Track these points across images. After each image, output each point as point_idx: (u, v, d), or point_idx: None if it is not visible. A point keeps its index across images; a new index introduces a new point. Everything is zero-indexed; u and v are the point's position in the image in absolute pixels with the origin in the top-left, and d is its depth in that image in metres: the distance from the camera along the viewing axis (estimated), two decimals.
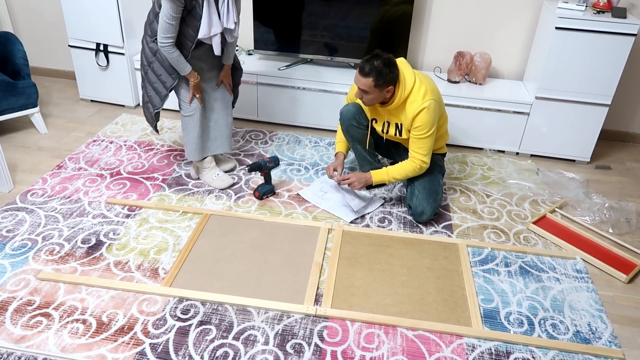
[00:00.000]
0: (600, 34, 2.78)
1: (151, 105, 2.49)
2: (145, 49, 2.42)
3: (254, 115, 3.44)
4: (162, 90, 2.43)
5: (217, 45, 2.33)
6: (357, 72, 2.24)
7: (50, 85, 3.95)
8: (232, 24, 2.31)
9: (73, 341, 1.76)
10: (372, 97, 2.27)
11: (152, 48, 2.38)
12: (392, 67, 2.21)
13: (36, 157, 2.95)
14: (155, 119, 2.55)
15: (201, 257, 2.19)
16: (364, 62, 2.21)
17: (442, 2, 3.28)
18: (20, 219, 2.37)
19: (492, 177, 2.95)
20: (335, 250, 2.26)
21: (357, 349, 1.79)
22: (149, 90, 2.47)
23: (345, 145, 2.69)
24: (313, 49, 3.36)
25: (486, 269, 2.22)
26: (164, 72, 2.39)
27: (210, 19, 2.24)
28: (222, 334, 1.83)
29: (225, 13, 2.27)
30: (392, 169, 2.42)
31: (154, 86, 2.44)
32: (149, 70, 2.43)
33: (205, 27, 2.24)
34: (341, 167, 2.62)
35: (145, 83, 2.48)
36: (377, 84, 2.20)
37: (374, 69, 2.17)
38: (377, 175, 2.44)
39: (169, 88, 2.41)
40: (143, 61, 2.46)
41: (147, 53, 2.41)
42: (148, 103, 2.50)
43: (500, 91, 3.18)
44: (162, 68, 2.38)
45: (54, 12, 3.79)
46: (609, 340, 1.90)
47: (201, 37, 2.25)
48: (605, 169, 3.17)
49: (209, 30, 2.25)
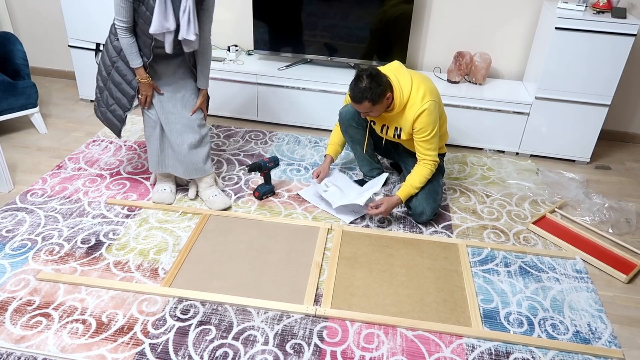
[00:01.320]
0: (600, 34, 2.78)
1: (119, 107, 2.34)
2: (108, 47, 2.28)
3: (253, 115, 3.44)
4: (129, 90, 2.29)
5: (168, 44, 2.16)
6: (351, 101, 2.26)
7: (50, 86, 3.95)
8: (193, 35, 2.13)
9: (73, 341, 1.76)
10: (377, 111, 2.28)
11: (116, 47, 2.24)
12: (379, 77, 2.20)
13: (36, 157, 2.95)
14: (122, 123, 2.38)
15: (201, 257, 2.19)
16: (353, 91, 2.21)
17: (442, 2, 3.28)
18: (20, 219, 2.37)
19: (492, 178, 2.95)
20: (335, 251, 2.26)
21: (357, 349, 1.79)
22: (114, 92, 2.32)
23: (336, 149, 2.70)
24: (313, 49, 3.36)
25: (486, 269, 2.22)
26: (129, 72, 2.26)
27: (165, 14, 2.06)
28: (222, 334, 1.83)
29: (185, 24, 2.10)
30: (412, 180, 2.38)
31: (120, 87, 2.30)
32: (113, 71, 2.29)
33: (156, 23, 2.06)
34: (324, 172, 2.65)
35: (109, 85, 2.32)
36: (374, 101, 2.20)
37: (364, 91, 2.17)
38: (403, 193, 2.39)
39: (135, 88, 2.28)
40: (106, 61, 2.30)
41: (110, 52, 2.27)
42: (114, 105, 2.35)
43: (500, 91, 3.18)
44: (127, 68, 2.25)
45: (54, 12, 3.79)
46: (608, 341, 1.90)
47: (152, 32, 2.08)
48: (605, 169, 3.17)
49: (160, 26, 2.07)
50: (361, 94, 2.18)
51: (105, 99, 2.37)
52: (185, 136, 2.38)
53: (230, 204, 2.53)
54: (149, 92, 2.32)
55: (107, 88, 2.34)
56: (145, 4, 2.08)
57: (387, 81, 2.23)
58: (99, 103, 2.41)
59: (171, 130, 2.37)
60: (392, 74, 2.28)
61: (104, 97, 2.37)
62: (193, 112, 2.39)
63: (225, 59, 3.43)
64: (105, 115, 2.40)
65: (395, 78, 2.27)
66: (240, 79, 3.32)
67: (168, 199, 2.53)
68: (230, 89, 3.35)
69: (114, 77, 2.30)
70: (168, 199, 2.53)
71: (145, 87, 2.30)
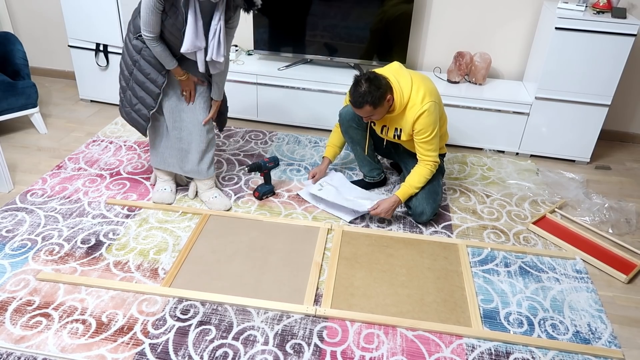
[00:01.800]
0: (600, 34, 2.78)
1: (144, 107, 2.31)
2: (128, 46, 2.25)
3: (253, 115, 3.44)
4: (153, 89, 2.26)
5: (201, 62, 2.19)
6: (352, 107, 2.26)
7: (50, 86, 3.95)
8: (222, 57, 2.17)
9: (73, 341, 1.76)
10: (378, 114, 2.28)
11: (136, 46, 2.21)
12: (377, 80, 2.20)
13: (36, 157, 2.95)
14: (148, 122, 2.35)
15: (201, 257, 2.19)
16: (353, 96, 2.21)
17: (442, 2, 3.28)
18: (20, 219, 2.37)
19: (492, 178, 2.95)
20: (335, 251, 2.26)
21: (357, 349, 1.79)
22: (138, 92, 2.29)
23: (334, 151, 2.70)
24: (313, 49, 3.36)
25: (486, 269, 2.22)
26: (152, 70, 2.23)
27: (196, 33, 2.08)
28: (222, 334, 1.83)
29: (215, 46, 2.13)
30: (412, 180, 2.38)
31: (144, 86, 2.27)
32: (135, 70, 2.26)
33: (189, 42, 2.08)
34: (321, 174, 2.65)
35: (132, 84, 2.29)
36: (375, 104, 2.20)
37: (364, 95, 2.17)
38: (402, 193, 2.40)
39: (160, 86, 2.25)
40: (127, 60, 2.27)
41: (130, 51, 2.24)
42: (138, 104, 2.32)
43: (500, 91, 3.18)
44: (149, 66, 2.22)
45: (54, 12, 3.79)
46: (608, 341, 1.90)
47: (184, 51, 2.10)
48: (605, 169, 3.17)
49: (193, 45, 2.09)
50: (361, 99, 2.18)
51: (129, 99, 2.34)
52: (192, 139, 2.39)
53: (230, 206, 2.53)
54: (191, 87, 2.32)
55: (130, 87, 2.31)
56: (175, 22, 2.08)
57: (387, 83, 2.23)
58: (123, 103, 2.39)
59: (179, 133, 2.39)
60: (392, 75, 2.28)
61: (127, 97, 2.35)
62: (205, 122, 2.39)
63: None
64: (130, 115, 2.37)
65: (395, 79, 2.27)
66: (240, 79, 3.32)
67: (168, 199, 2.53)
68: (230, 89, 3.35)
69: (136, 77, 2.27)
70: (168, 199, 2.53)
71: (186, 84, 2.30)
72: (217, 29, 2.11)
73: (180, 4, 2.03)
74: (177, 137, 2.40)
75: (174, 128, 2.38)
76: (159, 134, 2.44)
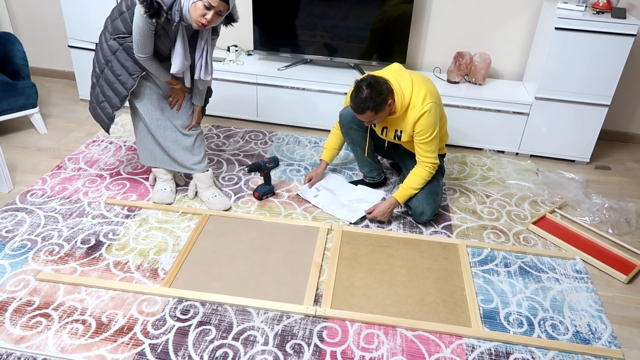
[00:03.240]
0: (600, 35, 2.78)
1: (109, 105, 2.32)
2: (103, 45, 2.25)
3: (253, 115, 3.44)
4: (122, 90, 2.27)
5: (187, 79, 2.31)
6: (354, 113, 2.26)
7: (50, 86, 3.95)
8: (209, 76, 2.28)
9: (72, 342, 1.76)
10: (380, 119, 2.28)
11: (111, 46, 2.22)
12: (378, 85, 2.18)
13: (36, 157, 2.95)
14: (111, 120, 2.37)
15: (201, 257, 2.19)
16: (354, 102, 2.20)
17: (442, 2, 3.28)
18: (20, 220, 2.37)
19: (492, 178, 2.95)
20: (335, 251, 2.26)
21: (357, 350, 1.79)
22: (106, 90, 2.30)
23: (332, 154, 2.70)
24: (313, 49, 3.36)
25: (486, 270, 2.22)
26: (124, 73, 2.24)
27: (184, 54, 2.16)
28: (222, 334, 1.83)
29: (202, 65, 2.23)
30: (410, 181, 2.38)
31: (113, 86, 2.28)
32: (107, 69, 2.26)
33: (178, 63, 2.16)
34: (317, 177, 2.66)
35: (102, 82, 2.30)
36: (376, 109, 2.19)
37: (366, 101, 2.16)
38: (400, 195, 2.40)
39: (129, 89, 2.26)
40: (100, 59, 2.28)
41: (105, 51, 2.24)
42: (104, 102, 2.33)
43: (499, 91, 3.18)
44: (122, 68, 2.23)
45: (54, 12, 3.79)
46: (608, 341, 1.90)
47: (175, 72, 2.18)
48: (604, 170, 3.18)
49: (182, 65, 2.18)
50: (363, 105, 2.17)
51: (96, 95, 2.37)
52: (178, 137, 2.43)
53: (230, 205, 2.53)
54: (180, 96, 2.41)
55: (99, 85, 2.33)
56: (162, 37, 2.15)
57: (388, 88, 2.21)
58: (91, 98, 2.43)
59: (163, 132, 2.41)
60: (392, 77, 2.28)
61: (95, 93, 2.38)
62: (189, 128, 2.45)
63: (225, 59, 3.43)
64: (95, 111, 2.41)
65: (396, 82, 2.26)
66: (240, 79, 3.31)
67: (168, 199, 2.53)
68: (230, 89, 3.35)
69: (106, 76, 2.28)
70: (168, 199, 2.53)
71: (176, 92, 2.39)
72: (203, 50, 2.22)
73: (172, 28, 2.11)
74: (161, 135, 2.42)
75: (158, 127, 2.40)
76: (145, 134, 2.45)
